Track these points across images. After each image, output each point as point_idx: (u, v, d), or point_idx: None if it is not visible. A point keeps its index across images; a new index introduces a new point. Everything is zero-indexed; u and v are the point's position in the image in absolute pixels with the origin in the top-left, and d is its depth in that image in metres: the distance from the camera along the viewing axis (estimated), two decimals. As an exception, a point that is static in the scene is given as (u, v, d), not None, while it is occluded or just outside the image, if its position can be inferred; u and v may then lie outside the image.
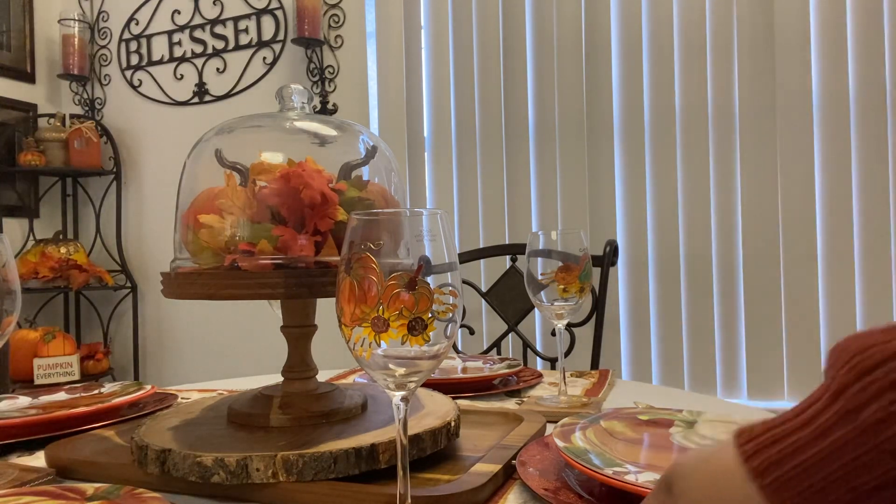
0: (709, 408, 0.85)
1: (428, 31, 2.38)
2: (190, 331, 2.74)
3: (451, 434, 0.66)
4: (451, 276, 0.44)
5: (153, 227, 2.82)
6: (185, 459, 0.57)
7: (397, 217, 0.45)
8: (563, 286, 0.86)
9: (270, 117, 0.77)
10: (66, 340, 2.47)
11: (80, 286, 2.60)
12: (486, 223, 2.29)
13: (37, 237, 2.78)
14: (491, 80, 2.28)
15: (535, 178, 2.25)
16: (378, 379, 0.44)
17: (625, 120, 2.15)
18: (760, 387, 2.00)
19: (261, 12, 2.58)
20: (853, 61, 1.92)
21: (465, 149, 2.32)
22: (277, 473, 0.55)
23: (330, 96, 2.47)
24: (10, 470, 0.63)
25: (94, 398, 0.90)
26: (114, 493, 0.53)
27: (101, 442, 0.72)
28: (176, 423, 0.68)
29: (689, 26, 2.06)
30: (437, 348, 0.43)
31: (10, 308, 0.64)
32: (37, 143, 2.64)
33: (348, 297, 0.43)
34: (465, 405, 0.87)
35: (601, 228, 2.16)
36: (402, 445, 0.45)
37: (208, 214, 0.65)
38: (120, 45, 2.85)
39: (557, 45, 2.20)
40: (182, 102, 2.74)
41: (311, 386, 0.71)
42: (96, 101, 2.89)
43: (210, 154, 0.70)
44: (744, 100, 2.01)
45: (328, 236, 0.64)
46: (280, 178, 0.64)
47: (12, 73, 2.77)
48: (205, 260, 0.66)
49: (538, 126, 2.24)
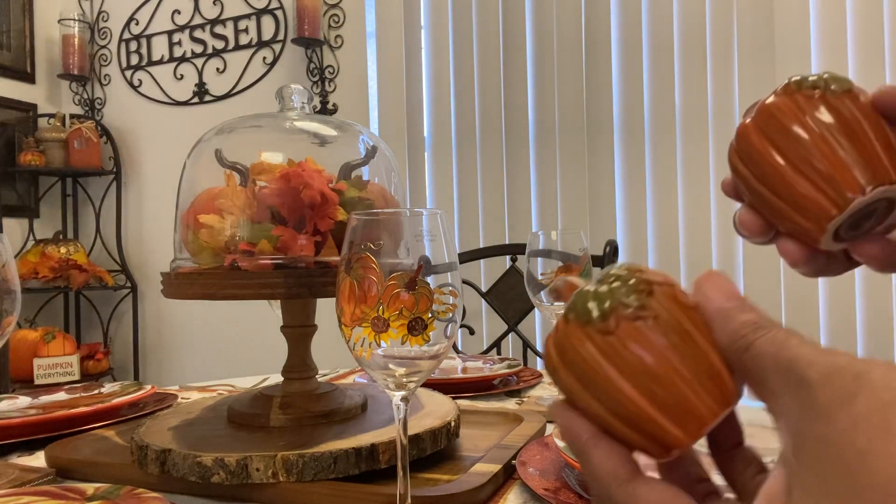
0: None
1: (428, 31, 2.38)
2: (190, 331, 2.74)
3: (451, 434, 0.66)
4: (451, 276, 0.44)
5: (153, 227, 2.82)
6: (185, 459, 0.57)
7: (397, 217, 0.45)
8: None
9: (270, 117, 0.77)
10: (66, 340, 2.47)
11: (80, 286, 2.60)
12: (486, 223, 2.29)
13: (37, 237, 2.78)
14: (491, 79, 2.28)
15: (535, 178, 2.24)
16: (378, 379, 0.44)
17: (625, 120, 2.15)
18: (760, 387, 2.00)
19: (261, 12, 2.58)
20: (853, 61, 1.92)
21: (465, 149, 2.32)
22: (277, 473, 0.55)
23: (330, 96, 2.47)
24: (10, 470, 0.63)
25: (94, 398, 0.90)
26: (114, 493, 0.53)
27: (101, 442, 0.72)
28: (176, 423, 0.68)
29: (689, 26, 2.06)
30: (437, 348, 0.43)
31: (10, 308, 0.64)
32: (37, 143, 2.64)
33: (348, 297, 0.43)
34: (465, 405, 0.87)
35: (601, 228, 2.15)
36: (402, 445, 0.45)
37: (208, 214, 0.65)
38: (120, 45, 2.85)
39: (557, 45, 2.20)
40: (182, 102, 2.74)
41: (311, 386, 0.71)
42: (96, 101, 2.89)
43: (210, 154, 0.70)
44: (744, 100, 2.01)
45: (328, 236, 0.64)
46: (280, 178, 0.64)
47: (12, 73, 2.77)
48: (205, 260, 0.66)
49: (538, 126, 2.24)
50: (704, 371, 0.27)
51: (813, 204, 0.32)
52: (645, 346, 0.27)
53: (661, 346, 0.27)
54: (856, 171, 0.31)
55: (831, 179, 0.31)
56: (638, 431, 0.27)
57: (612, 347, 0.27)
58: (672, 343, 0.27)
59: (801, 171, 0.32)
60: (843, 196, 0.31)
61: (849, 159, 0.31)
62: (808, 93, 0.32)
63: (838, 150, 0.31)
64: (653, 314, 0.28)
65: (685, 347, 0.27)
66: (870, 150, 0.31)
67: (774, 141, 0.33)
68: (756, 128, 0.34)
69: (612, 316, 0.28)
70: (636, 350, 0.27)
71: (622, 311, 0.28)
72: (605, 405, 0.28)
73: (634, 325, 0.27)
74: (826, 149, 0.31)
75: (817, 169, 0.32)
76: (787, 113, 0.32)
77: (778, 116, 0.33)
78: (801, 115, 0.32)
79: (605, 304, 0.28)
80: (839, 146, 0.31)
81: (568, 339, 0.29)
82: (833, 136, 0.31)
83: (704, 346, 0.27)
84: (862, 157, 0.31)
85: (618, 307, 0.28)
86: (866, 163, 0.31)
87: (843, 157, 0.31)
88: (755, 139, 0.33)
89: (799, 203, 0.32)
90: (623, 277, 0.29)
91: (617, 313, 0.28)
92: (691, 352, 0.27)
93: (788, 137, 0.32)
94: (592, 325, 0.28)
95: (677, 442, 0.27)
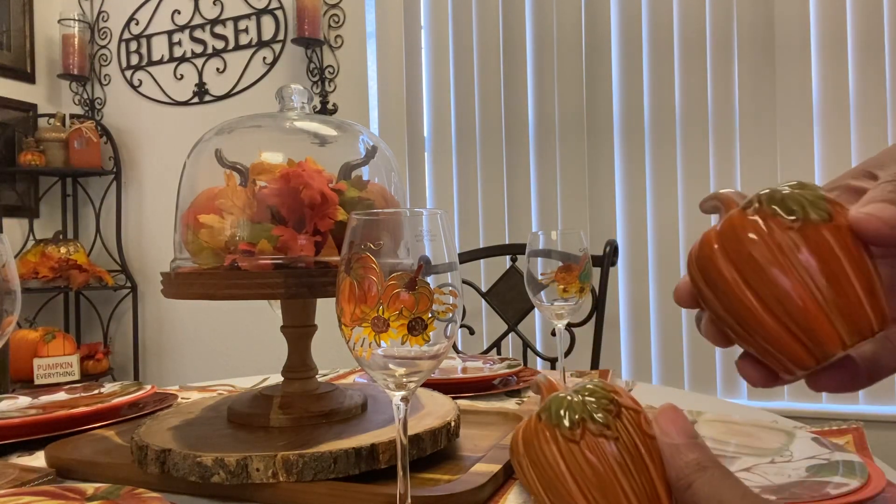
0: (709, 408, 0.85)
1: (428, 31, 2.38)
2: (190, 331, 2.74)
3: (451, 434, 0.66)
4: (451, 276, 0.44)
5: (153, 227, 2.82)
6: (185, 459, 0.57)
7: (397, 217, 0.45)
8: (563, 286, 0.86)
9: (270, 117, 0.77)
10: (66, 340, 2.47)
11: (80, 286, 2.60)
12: (486, 223, 2.29)
13: (37, 237, 2.78)
14: (491, 80, 2.28)
15: (535, 178, 2.25)
16: (378, 379, 0.44)
17: (625, 120, 2.15)
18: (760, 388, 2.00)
19: (261, 12, 2.58)
20: (853, 61, 1.92)
21: (465, 149, 2.32)
22: (277, 473, 0.55)
23: (330, 96, 2.47)
24: (10, 470, 0.63)
25: (94, 398, 0.90)
26: (114, 493, 0.53)
27: (101, 442, 0.72)
28: (176, 423, 0.68)
29: (689, 26, 2.06)
30: (437, 348, 0.43)
31: (10, 308, 0.64)
32: (37, 143, 2.64)
33: (348, 297, 0.42)
34: (465, 405, 0.87)
35: (601, 228, 2.16)
36: (402, 445, 0.45)
37: (208, 214, 0.65)
38: (120, 45, 2.85)
39: (557, 45, 2.20)
40: (182, 102, 2.74)
41: (311, 386, 0.71)
42: (96, 101, 2.89)
43: (210, 154, 0.70)
44: (744, 100, 2.01)
45: (328, 236, 0.64)
46: (280, 178, 0.64)
47: (12, 73, 2.77)
48: (205, 260, 0.66)
49: (538, 126, 2.24)
50: (645, 494, 0.30)
51: (788, 351, 0.30)
52: (601, 460, 0.30)
53: (615, 463, 0.30)
54: (837, 323, 0.29)
55: (810, 331, 0.29)
56: None
57: (572, 454, 0.31)
58: (625, 463, 0.31)
59: (775, 315, 0.29)
60: (821, 350, 0.29)
61: (830, 309, 0.29)
62: (784, 222, 0.29)
63: (818, 297, 0.29)
64: (615, 435, 0.31)
65: (635, 471, 0.30)
66: (851, 296, 0.28)
67: (744, 275, 0.30)
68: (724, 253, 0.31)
69: (580, 427, 0.31)
70: (593, 461, 0.30)
71: (589, 425, 0.31)
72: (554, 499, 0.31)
73: (597, 440, 0.31)
74: (805, 295, 0.29)
75: (794, 318, 0.29)
76: (760, 245, 0.30)
77: (749, 247, 0.30)
78: (777, 250, 0.29)
79: (575, 415, 0.32)
80: (819, 293, 0.29)
81: (535, 436, 0.32)
82: (812, 279, 0.29)
83: (653, 473, 0.31)
84: (843, 305, 0.29)
85: (586, 420, 0.31)
86: (848, 313, 0.29)
87: (823, 306, 0.29)
88: (722, 266, 0.31)
89: (772, 345, 0.30)
90: (598, 394, 0.33)
91: (584, 426, 0.31)
92: (639, 476, 0.30)
93: (762, 276, 0.29)
94: (560, 429, 0.32)
95: None
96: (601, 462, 0.30)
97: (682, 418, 0.32)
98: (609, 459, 0.30)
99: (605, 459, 0.30)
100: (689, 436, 0.31)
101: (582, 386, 0.34)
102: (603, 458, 0.30)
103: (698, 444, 0.31)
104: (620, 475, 0.30)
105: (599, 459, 0.30)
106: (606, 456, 0.30)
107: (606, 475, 0.30)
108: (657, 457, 0.31)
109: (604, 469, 0.30)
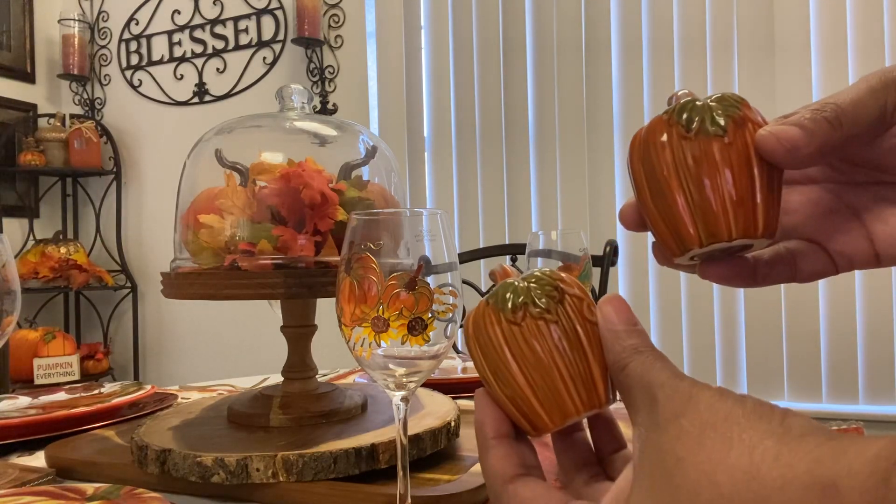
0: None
1: (428, 31, 2.38)
2: (190, 331, 2.74)
3: (451, 434, 0.66)
4: (451, 276, 0.44)
5: (153, 227, 2.82)
6: (185, 459, 0.57)
7: (397, 217, 0.45)
8: (563, 286, 0.86)
9: (270, 117, 0.77)
10: (66, 340, 2.47)
11: (80, 286, 2.60)
12: (486, 223, 2.29)
13: (37, 237, 2.78)
14: (491, 79, 2.28)
15: (535, 178, 2.25)
16: (378, 379, 0.44)
17: (625, 120, 2.15)
18: (760, 387, 2.00)
19: (261, 12, 2.58)
20: (853, 61, 1.92)
21: (465, 149, 2.32)
22: (277, 473, 0.55)
23: (330, 96, 2.47)
24: (10, 470, 0.63)
25: (94, 398, 0.90)
26: (114, 493, 0.53)
27: (101, 442, 0.72)
28: (176, 423, 0.68)
29: (689, 26, 2.06)
30: (437, 348, 0.43)
31: (10, 308, 0.64)
32: (37, 143, 2.64)
33: (348, 297, 0.43)
34: (465, 405, 0.86)
35: (601, 228, 2.16)
36: (402, 445, 0.45)
37: (208, 214, 0.65)
38: (120, 45, 2.85)
39: (557, 45, 2.20)
40: (182, 102, 2.74)
41: (311, 386, 0.71)
42: (96, 101, 2.89)
43: (210, 154, 0.70)
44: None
45: (328, 236, 0.64)
46: (280, 178, 0.64)
47: (12, 73, 2.77)
48: (205, 260, 0.66)
49: (538, 126, 2.24)
50: (580, 375, 0.32)
51: (663, 240, 0.34)
52: (539, 342, 0.32)
53: (552, 345, 0.32)
54: (699, 224, 0.32)
55: (675, 227, 0.33)
56: (517, 409, 0.33)
57: (514, 336, 0.32)
58: (561, 346, 0.32)
59: (658, 209, 0.33)
60: (682, 244, 0.33)
61: (694, 210, 0.32)
62: (681, 132, 0.32)
63: (690, 199, 0.32)
64: (555, 319, 0.32)
65: (572, 353, 0.32)
66: (717, 202, 0.32)
67: (645, 171, 0.34)
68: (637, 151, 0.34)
69: (522, 310, 0.33)
70: (531, 343, 0.32)
71: (530, 309, 0.33)
72: (499, 381, 0.33)
73: (537, 323, 0.32)
74: (680, 196, 0.32)
75: (669, 213, 0.33)
76: (658, 149, 0.33)
77: (650, 150, 0.33)
78: (670, 154, 0.33)
79: (518, 299, 0.33)
80: (690, 195, 0.32)
81: (482, 319, 0.34)
82: (689, 183, 0.32)
83: (590, 356, 0.32)
84: (706, 209, 0.32)
85: (528, 305, 0.33)
86: (708, 217, 0.32)
87: (690, 207, 0.32)
88: (635, 161, 0.34)
89: (655, 233, 0.35)
90: (543, 281, 0.34)
91: (526, 309, 0.33)
92: (576, 358, 0.32)
93: (653, 175, 0.33)
94: (504, 313, 0.33)
95: (543, 425, 0.33)
96: (539, 344, 0.32)
97: (625, 307, 0.33)
98: (547, 342, 0.32)
99: (544, 342, 0.32)
100: (629, 323, 0.32)
101: (530, 273, 0.35)
102: (541, 341, 0.32)
103: (637, 331, 0.32)
104: (557, 357, 0.32)
105: (538, 341, 0.32)
106: (545, 338, 0.32)
107: (544, 357, 0.32)
108: (596, 342, 0.32)
109: (542, 351, 0.32)
